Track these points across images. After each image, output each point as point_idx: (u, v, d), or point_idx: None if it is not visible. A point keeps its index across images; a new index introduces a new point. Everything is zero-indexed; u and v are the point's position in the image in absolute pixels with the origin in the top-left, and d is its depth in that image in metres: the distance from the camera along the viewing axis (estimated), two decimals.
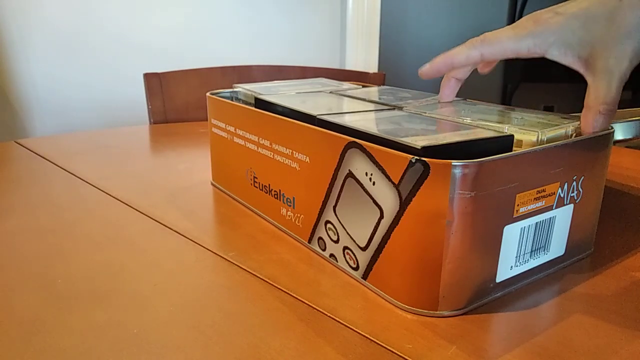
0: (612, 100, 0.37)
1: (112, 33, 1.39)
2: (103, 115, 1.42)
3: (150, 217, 0.49)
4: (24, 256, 0.41)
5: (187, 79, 1.05)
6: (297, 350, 0.30)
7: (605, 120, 0.37)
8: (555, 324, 0.32)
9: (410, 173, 0.31)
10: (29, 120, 1.33)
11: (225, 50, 1.58)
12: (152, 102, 1.01)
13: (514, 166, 0.32)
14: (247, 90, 0.54)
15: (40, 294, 0.36)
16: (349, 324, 0.32)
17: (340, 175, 0.37)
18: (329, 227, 0.40)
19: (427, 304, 0.33)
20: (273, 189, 0.46)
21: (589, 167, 0.37)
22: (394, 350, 0.30)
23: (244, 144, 0.49)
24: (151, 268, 0.39)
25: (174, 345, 0.30)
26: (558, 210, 0.36)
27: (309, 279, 0.38)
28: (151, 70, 1.02)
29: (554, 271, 0.39)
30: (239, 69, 1.10)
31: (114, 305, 0.34)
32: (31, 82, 1.32)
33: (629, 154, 0.75)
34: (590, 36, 0.37)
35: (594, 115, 0.37)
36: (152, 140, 0.83)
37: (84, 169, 0.64)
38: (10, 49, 1.27)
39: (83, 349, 0.30)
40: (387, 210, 0.33)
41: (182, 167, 0.65)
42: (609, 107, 0.37)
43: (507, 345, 0.30)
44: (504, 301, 0.35)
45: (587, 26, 0.37)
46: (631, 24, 0.36)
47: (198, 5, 1.51)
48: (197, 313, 0.33)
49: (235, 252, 0.42)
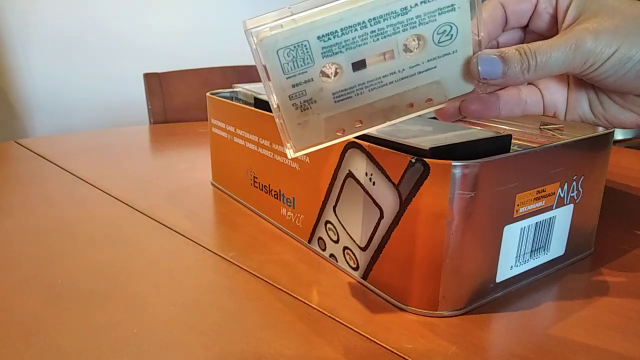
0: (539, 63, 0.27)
1: (112, 33, 1.39)
2: (103, 115, 1.42)
3: (150, 217, 0.49)
4: (23, 256, 0.41)
5: (187, 79, 1.05)
6: (297, 350, 0.30)
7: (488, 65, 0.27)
8: (555, 324, 0.32)
9: (410, 173, 0.31)
10: (29, 120, 1.33)
11: (225, 50, 1.58)
12: (152, 102, 1.01)
13: (514, 166, 0.32)
14: (247, 90, 0.54)
15: (40, 294, 0.36)
16: (349, 324, 0.32)
17: (340, 175, 0.37)
18: (329, 227, 0.40)
19: (427, 304, 0.33)
20: (273, 189, 0.46)
21: (589, 167, 0.37)
22: (394, 350, 0.30)
23: (244, 144, 0.49)
24: (151, 268, 0.39)
25: (174, 345, 0.30)
26: (558, 210, 0.36)
27: (309, 279, 0.38)
28: (151, 70, 1.02)
29: (554, 271, 0.39)
30: (239, 69, 1.10)
31: (114, 305, 0.34)
32: (31, 82, 1.32)
33: (629, 154, 0.75)
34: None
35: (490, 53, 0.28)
36: (152, 140, 0.83)
37: (84, 169, 0.64)
38: (10, 49, 1.27)
39: (83, 349, 0.30)
40: (387, 210, 0.33)
41: (182, 167, 0.65)
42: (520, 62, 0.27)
43: (507, 345, 0.30)
44: (504, 301, 0.35)
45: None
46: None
47: (198, 6, 1.51)
48: (197, 313, 0.33)
49: (235, 252, 0.42)
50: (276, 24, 0.25)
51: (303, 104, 0.27)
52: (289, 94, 0.26)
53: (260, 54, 0.25)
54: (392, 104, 0.28)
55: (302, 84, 0.26)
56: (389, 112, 0.28)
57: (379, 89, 0.27)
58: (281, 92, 0.26)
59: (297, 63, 0.26)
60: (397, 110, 0.28)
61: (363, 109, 0.28)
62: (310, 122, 0.27)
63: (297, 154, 0.28)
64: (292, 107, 0.27)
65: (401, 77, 0.27)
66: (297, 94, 0.26)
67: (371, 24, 0.26)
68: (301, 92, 0.26)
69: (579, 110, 0.31)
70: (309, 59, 0.26)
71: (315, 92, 0.26)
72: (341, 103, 0.27)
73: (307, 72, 0.26)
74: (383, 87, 0.27)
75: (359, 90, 0.27)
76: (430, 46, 0.27)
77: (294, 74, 0.26)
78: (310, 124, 0.27)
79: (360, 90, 0.27)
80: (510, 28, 0.31)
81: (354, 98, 0.27)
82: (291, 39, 0.25)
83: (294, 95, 0.26)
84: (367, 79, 0.27)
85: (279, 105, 0.27)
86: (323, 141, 0.28)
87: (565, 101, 0.31)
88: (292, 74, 0.26)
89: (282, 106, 0.27)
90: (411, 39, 0.27)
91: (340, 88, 0.27)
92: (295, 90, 0.26)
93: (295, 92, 0.26)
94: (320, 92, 0.27)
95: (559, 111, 0.32)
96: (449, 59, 0.28)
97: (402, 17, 0.26)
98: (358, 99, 0.27)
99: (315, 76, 0.26)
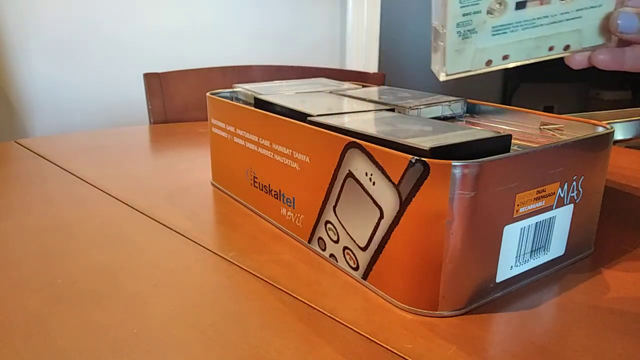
0: None
1: (112, 33, 1.39)
2: (103, 115, 1.42)
3: (150, 217, 0.49)
4: (23, 256, 0.41)
5: (187, 79, 1.05)
6: (297, 350, 0.30)
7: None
8: (555, 324, 0.32)
9: (410, 173, 0.31)
10: (29, 120, 1.33)
11: (225, 50, 1.58)
12: (152, 102, 1.01)
13: (514, 166, 0.32)
14: (247, 90, 0.54)
15: (40, 294, 0.36)
16: (349, 324, 0.32)
17: (340, 175, 0.37)
18: (329, 227, 0.40)
19: (427, 304, 0.33)
20: (273, 189, 0.46)
21: (589, 167, 0.37)
22: (394, 350, 0.30)
23: (244, 144, 0.49)
24: (151, 268, 0.39)
25: (174, 345, 0.30)
26: (558, 210, 0.36)
27: (309, 279, 0.38)
28: (151, 70, 1.02)
29: (554, 271, 0.39)
30: (239, 69, 1.10)
31: (114, 305, 0.34)
32: (31, 82, 1.32)
33: (629, 154, 0.75)
34: None
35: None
36: (152, 140, 0.83)
37: (84, 169, 0.64)
38: (10, 49, 1.27)
39: (83, 349, 0.30)
40: (387, 211, 0.33)
41: (182, 167, 0.65)
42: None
43: (507, 345, 0.30)
44: (504, 301, 0.35)
45: None
46: None
47: (198, 5, 1.51)
48: (197, 313, 0.33)
49: (235, 252, 0.42)
50: None
51: (466, 32, 0.31)
52: (458, 21, 0.31)
53: None
54: (536, 44, 0.33)
55: (471, 14, 0.31)
56: (532, 51, 0.33)
57: (530, 29, 0.32)
58: (452, 19, 0.30)
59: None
60: (539, 50, 0.33)
61: (513, 45, 0.32)
62: (466, 50, 0.32)
63: (447, 77, 0.32)
64: (457, 34, 0.31)
65: (551, 21, 0.32)
66: (464, 23, 0.31)
67: None
68: (468, 22, 0.31)
69: None
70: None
71: (479, 23, 0.31)
72: (497, 37, 0.32)
73: (479, 4, 0.31)
74: (534, 27, 0.32)
75: (514, 27, 0.32)
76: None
77: (467, 4, 0.30)
78: (465, 51, 0.32)
79: (516, 27, 0.32)
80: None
81: (508, 34, 0.32)
82: None
83: (461, 23, 0.31)
84: (523, 18, 0.32)
85: (446, 30, 0.31)
86: (470, 69, 0.32)
87: None
88: (466, 4, 0.30)
89: (449, 31, 0.31)
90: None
91: (500, 23, 0.32)
92: (464, 19, 0.31)
93: (464, 20, 0.31)
94: (483, 24, 0.31)
95: None
96: (594, 11, 0.32)
97: None
98: (511, 36, 0.32)
99: (483, 9, 0.31)
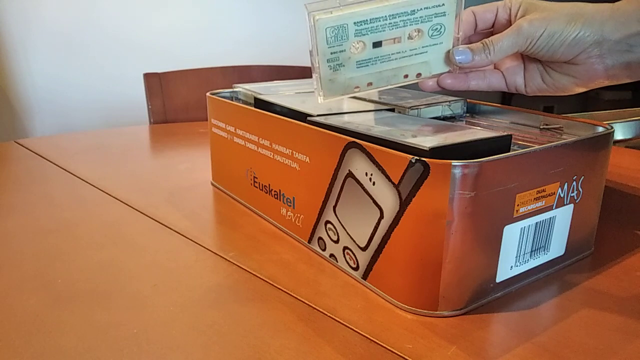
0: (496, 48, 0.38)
1: (112, 33, 1.39)
2: (103, 115, 1.42)
3: (150, 217, 0.49)
4: (23, 256, 0.41)
5: (187, 79, 1.05)
6: (297, 350, 0.30)
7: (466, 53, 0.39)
8: (555, 323, 0.32)
9: (410, 173, 0.31)
10: (29, 120, 1.34)
11: (225, 50, 1.58)
12: (152, 102, 1.01)
13: (514, 166, 0.32)
14: (247, 90, 0.54)
15: (40, 294, 0.36)
16: (349, 324, 0.32)
17: (340, 175, 0.37)
18: (329, 227, 0.40)
19: (427, 304, 0.33)
20: (273, 189, 0.46)
21: (589, 167, 0.37)
22: (394, 350, 0.30)
23: (244, 144, 0.49)
24: (151, 268, 0.39)
25: (174, 345, 0.30)
26: (558, 210, 0.36)
27: (309, 279, 0.38)
28: (151, 70, 1.02)
29: (554, 271, 0.39)
30: (239, 69, 1.10)
31: (114, 305, 0.34)
32: (31, 82, 1.32)
33: (629, 154, 0.75)
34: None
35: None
36: (152, 140, 0.83)
37: (84, 169, 0.64)
38: (10, 49, 1.27)
39: (83, 349, 0.30)
40: (387, 211, 0.33)
41: (182, 167, 0.65)
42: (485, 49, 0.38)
43: (507, 345, 0.30)
44: (504, 301, 0.35)
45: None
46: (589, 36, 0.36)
47: (198, 5, 1.51)
48: (197, 313, 0.33)
49: (235, 252, 0.42)
50: (327, 11, 0.37)
51: (335, 66, 0.38)
52: (327, 58, 0.38)
53: (315, 29, 0.37)
54: (394, 74, 0.40)
55: (338, 52, 0.38)
56: (391, 79, 0.40)
57: (387, 62, 0.39)
58: (323, 56, 0.38)
59: (337, 38, 0.37)
60: (396, 78, 0.40)
61: (374, 74, 0.40)
62: (337, 79, 0.39)
63: (325, 100, 0.40)
64: (328, 67, 0.38)
65: (403, 55, 0.40)
66: (333, 59, 0.38)
67: (390, 18, 0.38)
68: (336, 58, 0.38)
69: (535, 82, 0.41)
70: (345, 36, 0.37)
71: (345, 59, 0.38)
72: (361, 69, 0.39)
73: (342, 45, 0.38)
74: (390, 61, 0.40)
75: (374, 62, 0.39)
76: (425, 37, 0.39)
77: (333, 45, 0.38)
78: (337, 80, 0.39)
79: (375, 61, 0.39)
80: (480, 31, 0.42)
81: (370, 66, 0.39)
82: (337, 22, 0.37)
83: (330, 59, 0.38)
84: (380, 54, 0.39)
85: (319, 65, 0.38)
86: (343, 94, 0.40)
87: (523, 78, 0.42)
88: (332, 45, 0.37)
89: (321, 66, 0.38)
90: (414, 31, 0.39)
91: (362, 58, 0.39)
92: (332, 56, 0.38)
93: (332, 57, 0.38)
94: (348, 60, 0.38)
95: (519, 86, 0.42)
96: (437, 47, 0.40)
97: (411, 16, 0.38)
98: (373, 67, 0.39)
99: (347, 48, 0.38)
